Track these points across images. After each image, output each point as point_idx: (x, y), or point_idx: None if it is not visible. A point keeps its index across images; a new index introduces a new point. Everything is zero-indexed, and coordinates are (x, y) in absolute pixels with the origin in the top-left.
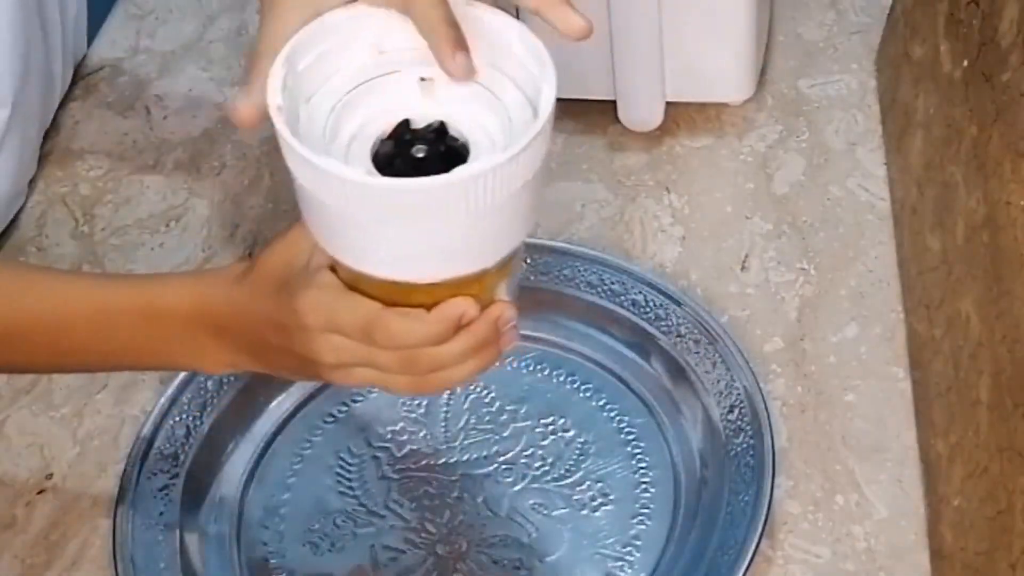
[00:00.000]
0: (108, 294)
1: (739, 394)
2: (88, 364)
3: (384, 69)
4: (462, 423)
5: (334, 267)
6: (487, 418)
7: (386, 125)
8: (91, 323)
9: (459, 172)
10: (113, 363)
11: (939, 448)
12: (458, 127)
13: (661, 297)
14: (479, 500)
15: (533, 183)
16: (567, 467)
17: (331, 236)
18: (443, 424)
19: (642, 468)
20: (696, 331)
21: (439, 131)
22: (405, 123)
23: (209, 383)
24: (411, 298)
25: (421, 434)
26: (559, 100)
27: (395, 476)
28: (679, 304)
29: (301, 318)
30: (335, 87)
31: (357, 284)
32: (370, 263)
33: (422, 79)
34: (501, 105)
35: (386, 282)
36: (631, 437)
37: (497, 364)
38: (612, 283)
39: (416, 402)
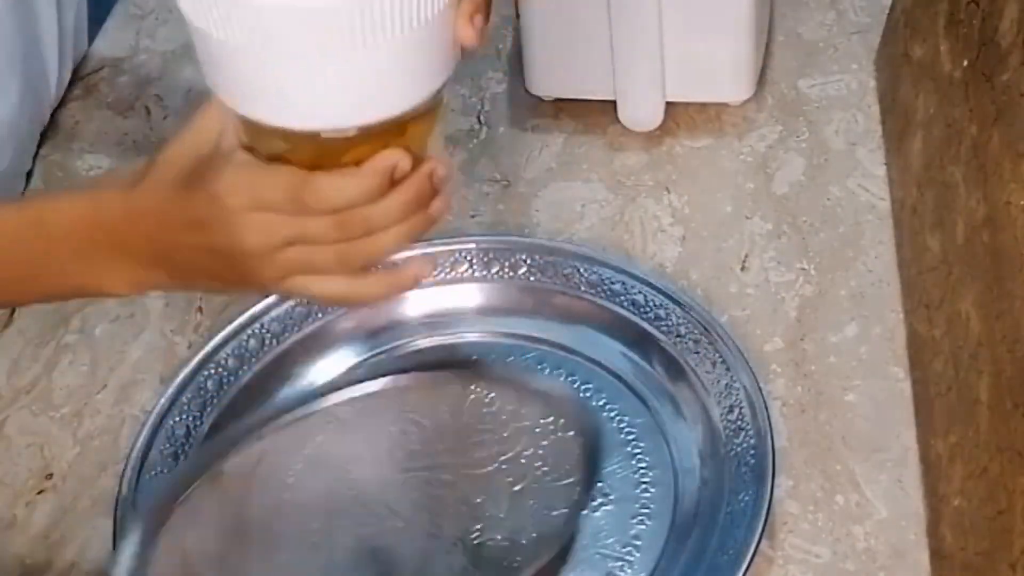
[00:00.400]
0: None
1: (739, 394)
2: None
3: None
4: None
5: (249, 148)
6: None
7: None
8: None
9: None
10: (10, 291)
11: (939, 448)
12: None
13: (661, 297)
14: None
15: (445, 14)
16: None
17: (243, 88)
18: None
19: (642, 468)
20: (696, 331)
21: None
22: None
23: (209, 383)
24: (336, 159)
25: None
26: (559, 100)
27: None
28: (679, 304)
29: (221, 200)
30: None
31: (277, 155)
32: (288, 114)
33: None
34: None
35: (307, 137)
36: (631, 437)
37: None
38: (612, 283)
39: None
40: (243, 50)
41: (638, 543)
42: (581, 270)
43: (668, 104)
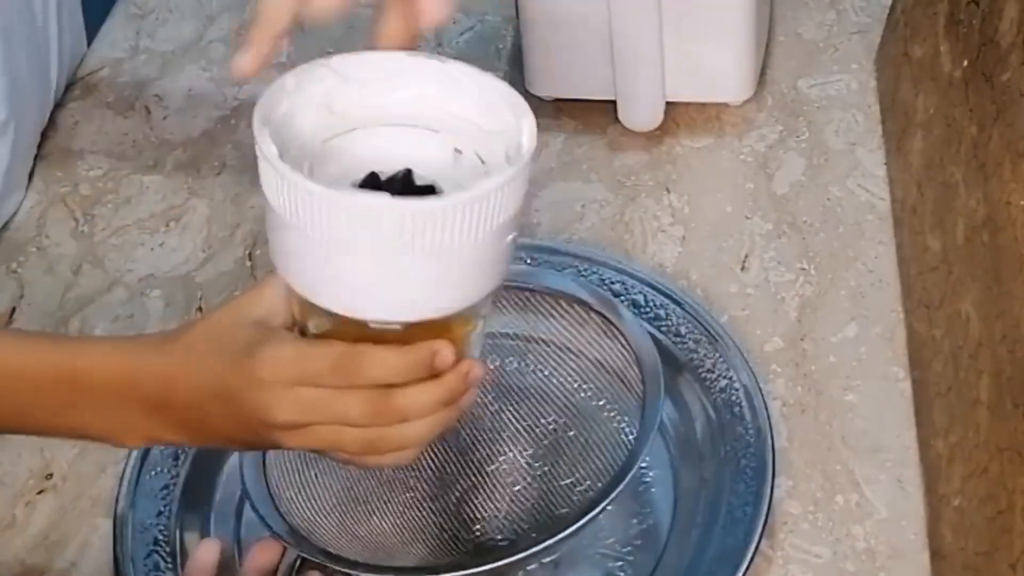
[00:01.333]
0: (31, 357)
1: (739, 394)
2: (7, 426)
3: (340, 128)
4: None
5: (298, 325)
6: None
7: (354, 179)
8: (14, 386)
9: (423, 200)
10: (35, 427)
11: (939, 448)
12: (426, 175)
13: (661, 297)
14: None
15: (500, 232)
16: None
17: (295, 265)
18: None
19: (642, 468)
20: (696, 331)
21: (405, 179)
22: (373, 175)
23: None
24: (379, 343)
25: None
26: (559, 100)
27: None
28: (679, 304)
29: (260, 373)
30: (302, 147)
31: (328, 335)
32: (335, 300)
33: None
34: (481, 166)
35: (355, 322)
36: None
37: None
38: (612, 283)
39: None
40: (300, 231)
41: (638, 543)
42: (581, 270)
43: (668, 104)
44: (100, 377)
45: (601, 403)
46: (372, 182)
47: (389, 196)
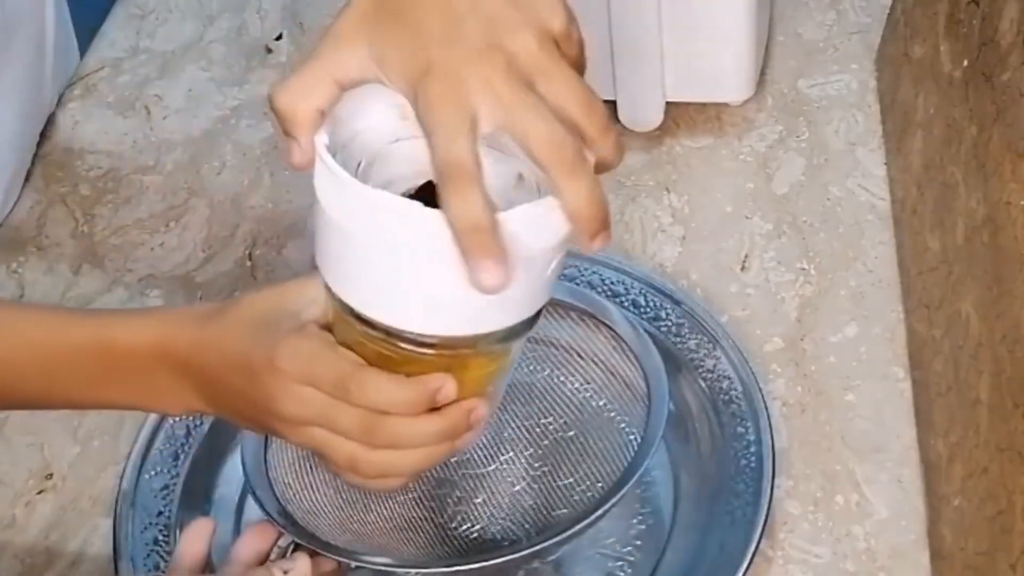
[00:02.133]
0: (65, 331)
1: (739, 394)
2: (39, 402)
3: (410, 133)
4: None
5: (328, 327)
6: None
7: (412, 184)
8: (47, 360)
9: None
10: (67, 400)
11: (939, 448)
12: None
13: (661, 297)
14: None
15: (543, 256)
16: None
17: (329, 261)
18: None
19: None
20: (696, 331)
21: None
22: (429, 184)
23: None
24: (396, 368)
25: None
26: None
27: None
28: (679, 304)
29: (277, 362)
30: (364, 143)
31: (349, 344)
32: (362, 300)
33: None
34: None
35: (380, 339)
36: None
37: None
38: (612, 283)
39: None
40: (337, 227)
41: (638, 543)
42: (581, 270)
43: (668, 104)
44: (135, 344)
45: (602, 403)
46: (427, 189)
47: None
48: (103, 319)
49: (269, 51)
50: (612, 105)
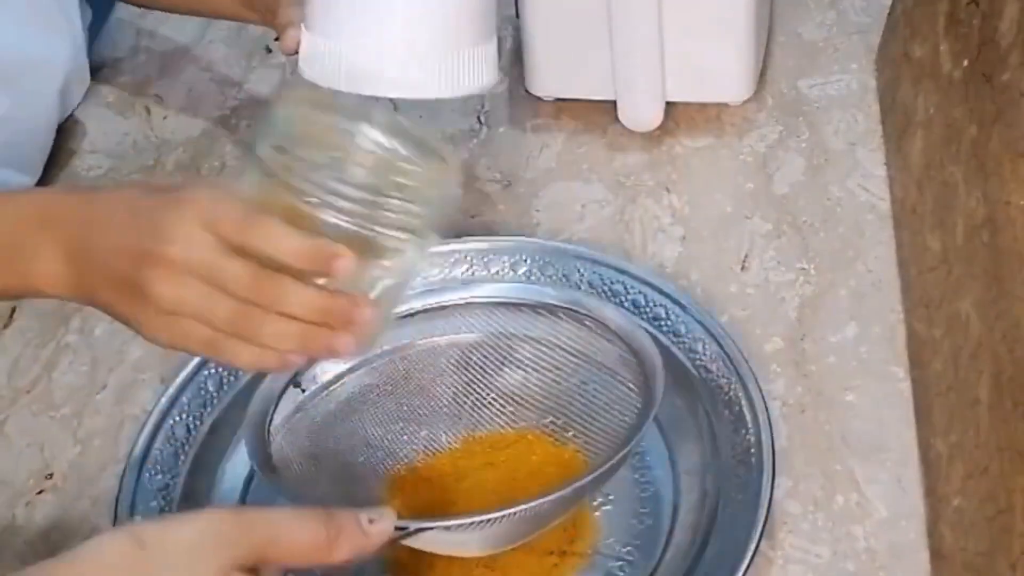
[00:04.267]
0: None
1: (739, 394)
2: None
3: None
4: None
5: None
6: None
7: None
8: None
9: None
10: None
11: (939, 448)
12: None
13: (661, 297)
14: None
15: None
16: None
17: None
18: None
19: (642, 468)
20: (696, 331)
21: None
22: None
23: (209, 383)
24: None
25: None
26: (560, 100)
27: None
28: (679, 304)
29: (182, 193)
30: None
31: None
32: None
33: None
34: None
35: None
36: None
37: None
38: (612, 283)
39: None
40: None
41: (638, 543)
42: (581, 270)
43: (668, 104)
44: (21, 208)
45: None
46: None
47: None
48: None
49: (269, 51)
50: (612, 105)
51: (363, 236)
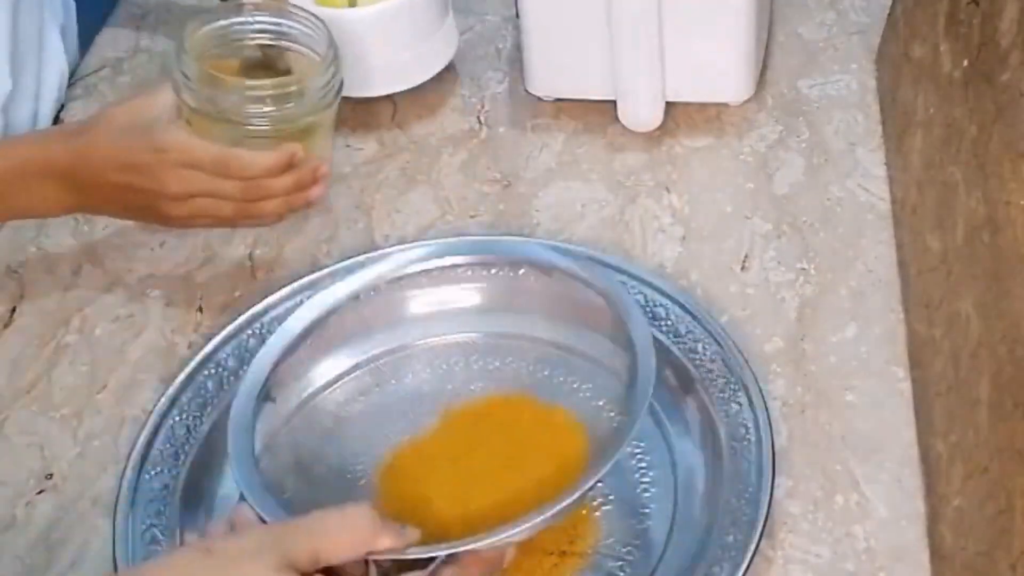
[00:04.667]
0: None
1: (739, 394)
2: None
3: None
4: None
5: (188, 122)
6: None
7: None
8: None
9: None
10: None
11: (939, 448)
12: None
13: (661, 297)
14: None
15: None
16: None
17: None
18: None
19: (642, 468)
20: (696, 331)
21: None
22: None
23: (209, 383)
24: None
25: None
26: (560, 100)
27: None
28: (679, 304)
29: (162, 153)
30: None
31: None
32: None
33: None
34: None
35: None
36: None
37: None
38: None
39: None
40: None
41: (638, 543)
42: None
43: (668, 104)
44: (21, 159)
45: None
46: None
47: None
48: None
49: None
50: (612, 105)
51: (287, 129)
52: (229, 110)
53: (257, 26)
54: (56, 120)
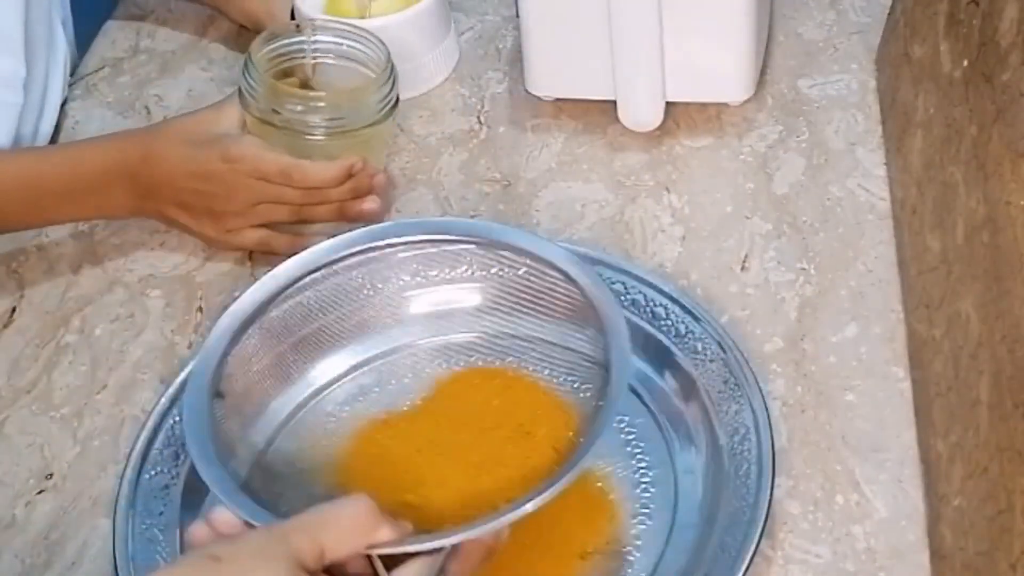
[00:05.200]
0: (44, 161)
1: (739, 394)
2: (25, 222)
3: None
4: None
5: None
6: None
7: None
8: (31, 187)
9: None
10: (46, 218)
11: (939, 448)
12: None
13: (661, 297)
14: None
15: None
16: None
17: None
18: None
19: (642, 468)
20: (696, 331)
21: None
22: None
23: None
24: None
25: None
26: (560, 100)
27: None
28: (679, 304)
29: (231, 163)
30: None
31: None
32: None
33: None
34: None
35: (297, 136)
36: (631, 437)
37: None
38: (612, 283)
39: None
40: None
41: (638, 543)
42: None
43: (668, 104)
44: (98, 162)
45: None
46: None
47: None
48: (69, 150)
49: None
50: (612, 105)
51: (344, 142)
52: (291, 120)
53: (319, 44)
54: (61, 109)
